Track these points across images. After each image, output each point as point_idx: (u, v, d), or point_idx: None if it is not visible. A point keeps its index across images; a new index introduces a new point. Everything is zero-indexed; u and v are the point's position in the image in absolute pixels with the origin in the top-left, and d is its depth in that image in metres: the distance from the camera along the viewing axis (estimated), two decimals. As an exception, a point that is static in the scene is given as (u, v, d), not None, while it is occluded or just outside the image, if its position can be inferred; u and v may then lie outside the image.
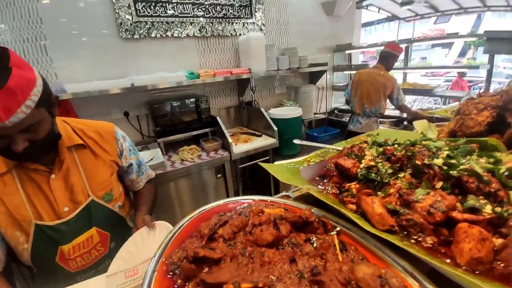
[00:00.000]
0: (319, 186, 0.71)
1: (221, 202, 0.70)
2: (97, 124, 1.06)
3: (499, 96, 0.76)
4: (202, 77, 2.43)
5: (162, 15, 2.41)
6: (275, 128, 2.54)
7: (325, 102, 3.73)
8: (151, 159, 2.01)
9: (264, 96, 3.28)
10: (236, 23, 2.83)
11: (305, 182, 0.74)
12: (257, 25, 2.98)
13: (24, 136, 0.74)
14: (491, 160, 0.58)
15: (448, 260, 0.44)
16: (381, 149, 0.70)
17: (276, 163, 0.84)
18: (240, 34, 2.86)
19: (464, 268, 0.43)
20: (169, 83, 2.27)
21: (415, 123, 1.05)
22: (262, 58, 2.75)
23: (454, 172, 0.54)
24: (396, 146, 0.72)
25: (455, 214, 0.48)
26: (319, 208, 0.64)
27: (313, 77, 3.50)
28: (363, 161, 0.68)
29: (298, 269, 0.44)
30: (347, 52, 3.81)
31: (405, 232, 0.50)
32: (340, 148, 0.87)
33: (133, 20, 2.30)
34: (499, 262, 0.42)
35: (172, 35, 2.50)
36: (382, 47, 2.93)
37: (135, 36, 2.34)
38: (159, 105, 2.35)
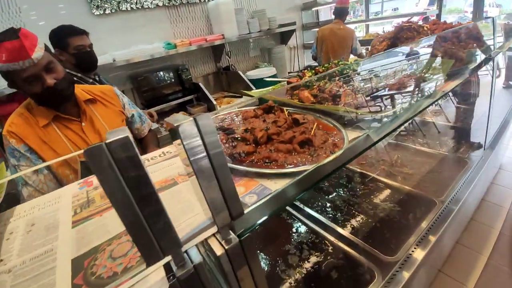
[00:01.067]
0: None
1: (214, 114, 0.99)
2: (98, 86, 1.30)
3: (393, 31, 1.07)
4: (178, 47, 2.57)
5: (129, -13, 2.46)
6: (254, 88, 2.78)
7: (297, 61, 3.95)
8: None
9: (240, 60, 3.45)
10: (203, -11, 2.89)
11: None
12: (224, -11, 3.04)
13: (49, 75, 0.97)
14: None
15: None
16: (313, 71, 1.01)
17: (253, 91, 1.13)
18: (208, 0, 2.94)
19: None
20: (150, 55, 2.41)
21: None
22: (233, 22, 2.88)
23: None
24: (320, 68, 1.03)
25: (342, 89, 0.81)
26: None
27: (284, 37, 3.67)
28: (304, 78, 0.98)
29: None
30: (314, 9, 3.94)
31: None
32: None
33: (102, -5, 2.35)
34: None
35: (142, 6, 2.57)
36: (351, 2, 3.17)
37: (106, 12, 2.41)
38: (143, 78, 2.51)
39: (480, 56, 1.39)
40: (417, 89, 0.96)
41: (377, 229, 1.17)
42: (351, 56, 3.17)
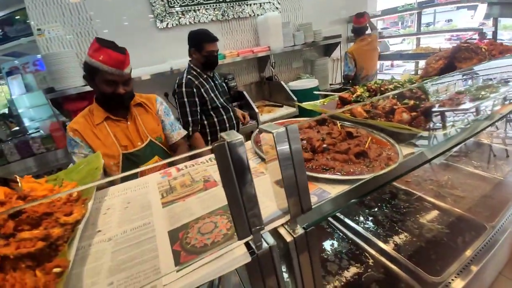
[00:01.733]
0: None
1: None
2: (146, 94, 1.55)
3: (450, 49, 1.07)
4: (228, 57, 2.78)
5: (189, 3, 2.75)
6: (295, 99, 2.87)
7: (340, 73, 3.94)
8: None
9: (283, 71, 3.57)
10: (254, 4, 3.09)
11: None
12: (273, 4, 3.22)
13: (123, 86, 1.26)
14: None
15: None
16: (365, 87, 1.05)
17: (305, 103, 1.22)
18: (257, 15, 3.13)
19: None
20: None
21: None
22: (279, 35, 3.02)
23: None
24: (372, 84, 1.07)
25: (395, 106, 0.85)
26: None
27: (328, 50, 3.71)
28: (355, 93, 1.04)
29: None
30: (360, 22, 3.92)
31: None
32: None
33: (166, 11, 2.66)
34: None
35: (199, 21, 2.84)
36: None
37: (169, 26, 2.71)
38: (193, 84, 2.75)
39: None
40: (474, 109, 0.95)
41: (422, 249, 1.15)
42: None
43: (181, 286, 0.44)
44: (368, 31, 3.30)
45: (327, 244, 1.23)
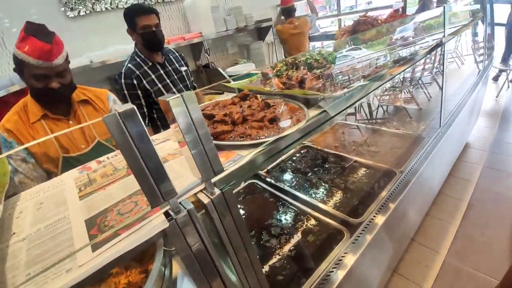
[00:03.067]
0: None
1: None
2: (94, 89, 1.37)
3: (352, 24, 1.23)
4: (157, 46, 2.62)
5: (103, -12, 2.47)
6: (230, 83, 2.88)
7: (275, 56, 4.09)
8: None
9: (219, 58, 3.54)
10: (178, -13, 2.94)
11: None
12: (199, -12, 3.11)
13: (57, 79, 1.08)
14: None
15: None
16: (284, 61, 1.15)
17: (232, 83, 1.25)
18: (184, -1, 3.00)
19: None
20: (127, 54, 2.44)
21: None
22: (210, 20, 2.96)
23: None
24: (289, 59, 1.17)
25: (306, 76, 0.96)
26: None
27: (261, 34, 3.79)
28: (275, 68, 1.12)
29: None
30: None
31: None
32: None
33: (75, -3, 2.35)
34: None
35: (117, 6, 2.58)
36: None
37: (81, 13, 2.41)
38: (122, 78, 2.54)
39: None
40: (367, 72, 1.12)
41: (347, 199, 1.33)
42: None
43: (97, 263, 0.44)
44: (298, 14, 3.46)
45: (270, 212, 1.33)
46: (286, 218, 1.28)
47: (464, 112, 2.29)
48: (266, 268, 1.04)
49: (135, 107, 0.41)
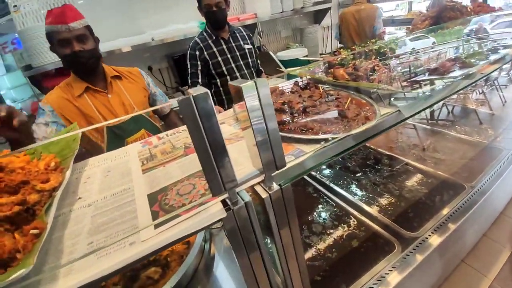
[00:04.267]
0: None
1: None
2: (125, 68, 1.47)
3: (436, 9, 1.04)
4: (213, 26, 2.63)
5: (168, -34, 2.53)
6: (284, 69, 2.79)
7: (330, 42, 3.83)
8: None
9: (271, 41, 3.44)
10: (238, -34, 2.87)
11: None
12: (259, -34, 2.99)
13: (78, 44, 1.17)
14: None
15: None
16: (349, 49, 1.03)
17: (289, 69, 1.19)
18: (243, -22, 2.93)
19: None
20: (184, 35, 2.51)
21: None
22: (266, 1, 2.86)
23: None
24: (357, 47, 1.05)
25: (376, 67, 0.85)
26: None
27: (318, 17, 3.56)
28: (340, 56, 1.02)
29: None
30: (352, -15, 3.73)
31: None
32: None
33: (143, -25, 2.46)
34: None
35: (179, -14, 2.64)
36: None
37: (146, -9, 2.52)
38: (178, 57, 2.64)
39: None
40: (451, 71, 0.95)
41: (401, 208, 1.21)
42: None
43: (159, 241, 0.45)
44: None
45: (313, 208, 1.28)
46: (330, 217, 1.22)
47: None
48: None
49: (208, 92, 0.39)
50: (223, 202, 0.51)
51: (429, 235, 1.07)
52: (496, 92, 2.47)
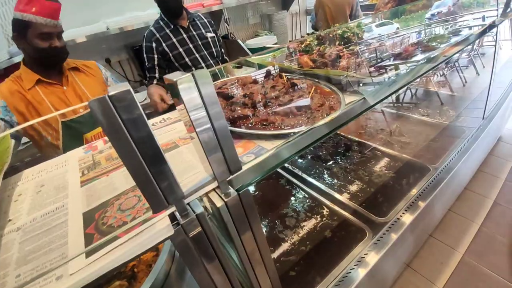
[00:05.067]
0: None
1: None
2: (82, 61, 1.39)
3: None
4: (174, 13, 2.44)
5: None
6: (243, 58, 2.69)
7: (300, 28, 3.78)
8: (145, 99, 2.20)
9: (239, 29, 3.30)
10: None
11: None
12: None
13: (58, 40, 1.15)
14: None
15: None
16: (314, 36, 0.98)
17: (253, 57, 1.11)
18: (204, -40, 2.73)
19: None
20: (144, 22, 2.30)
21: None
22: (231, -15, 2.71)
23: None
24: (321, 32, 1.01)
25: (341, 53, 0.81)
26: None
27: (286, 2, 3.47)
28: (304, 43, 0.96)
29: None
30: (318, -30, 3.67)
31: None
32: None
33: (89, -45, 2.19)
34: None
35: (134, -31, 2.40)
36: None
37: (96, -26, 2.26)
38: (138, 47, 2.43)
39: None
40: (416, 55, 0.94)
41: (371, 194, 1.22)
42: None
43: (91, 272, 0.37)
44: None
45: (286, 201, 1.26)
46: (303, 209, 1.20)
47: (507, 103, 2.02)
48: (275, 256, 0.99)
49: (130, 89, 0.31)
50: (172, 215, 0.44)
51: (401, 215, 1.10)
52: (457, 73, 2.61)
